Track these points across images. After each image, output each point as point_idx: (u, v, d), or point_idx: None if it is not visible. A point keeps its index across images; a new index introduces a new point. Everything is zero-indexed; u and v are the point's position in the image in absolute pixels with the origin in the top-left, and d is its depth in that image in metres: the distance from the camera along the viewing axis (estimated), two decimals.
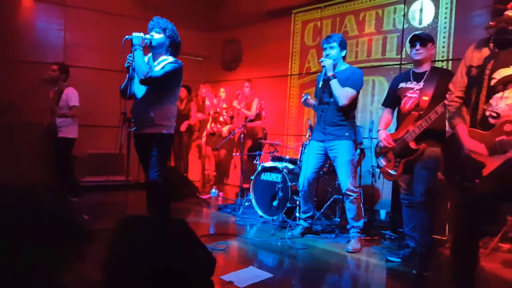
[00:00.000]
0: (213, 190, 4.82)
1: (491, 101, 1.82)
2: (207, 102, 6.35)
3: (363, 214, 3.57)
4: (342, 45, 3.45)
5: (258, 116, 5.67)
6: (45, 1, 5.77)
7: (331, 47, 3.43)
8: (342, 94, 3.32)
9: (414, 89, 3.00)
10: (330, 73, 3.38)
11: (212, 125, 5.92)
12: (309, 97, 3.66)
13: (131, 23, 6.07)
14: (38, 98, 4.80)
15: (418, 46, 2.99)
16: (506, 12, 1.79)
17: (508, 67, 1.78)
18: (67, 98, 4.56)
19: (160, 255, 2.16)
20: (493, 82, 1.81)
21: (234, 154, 5.74)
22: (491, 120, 1.80)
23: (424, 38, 3.01)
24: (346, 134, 3.41)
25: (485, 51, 1.88)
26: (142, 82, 2.88)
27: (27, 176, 4.60)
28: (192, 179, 6.25)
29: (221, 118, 5.84)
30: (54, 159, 4.58)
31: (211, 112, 6.03)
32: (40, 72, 4.95)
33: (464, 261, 2.03)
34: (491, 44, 1.87)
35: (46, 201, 3.14)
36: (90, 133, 5.59)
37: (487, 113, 1.82)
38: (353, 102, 3.44)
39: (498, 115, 1.78)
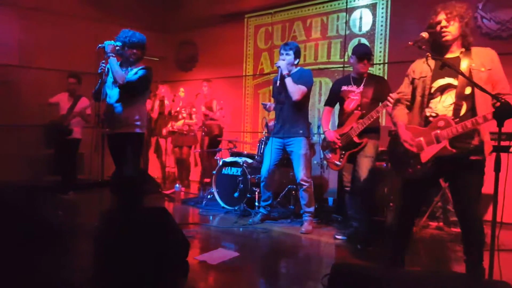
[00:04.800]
0: (177, 185, 5.11)
1: (430, 104, 2.34)
2: (166, 102, 6.55)
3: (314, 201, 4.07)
4: (297, 54, 3.88)
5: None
6: None
7: (287, 54, 3.85)
8: (295, 90, 3.75)
9: (355, 92, 3.54)
10: (284, 72, 3.77)
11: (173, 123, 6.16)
12: (268, 103, 4.12)
13: (85, 24, 6.19)
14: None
15: (366, 62, 3.50)
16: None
17: (444, 77, 2.30)
18: (84, 105, 5.10)
19: (146, 242, 2.47)
20: (432, 90, 2.32)
21: (195, 151, 6.03)
22: (431, 119, 2.33)
23: (371, 55, 3.55)
24: (301, 131, 3.88)
25: (425, 67, 2.38)
26: (120, 87, 3.12)
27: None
28: (152, 176, 6.45)
29: (180, 117, 6.10)
30: (63, 158, 5.07)
31: (170, 111, 6.26)
32: None
33: (401, 236, 2.56)
34: (429, 61, 2.37)
35: (19, 201, 3.31)
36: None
37: (428, 114, 2.34)
38: (305, 99, 3.89)
39: (437, 115, 2.30)
